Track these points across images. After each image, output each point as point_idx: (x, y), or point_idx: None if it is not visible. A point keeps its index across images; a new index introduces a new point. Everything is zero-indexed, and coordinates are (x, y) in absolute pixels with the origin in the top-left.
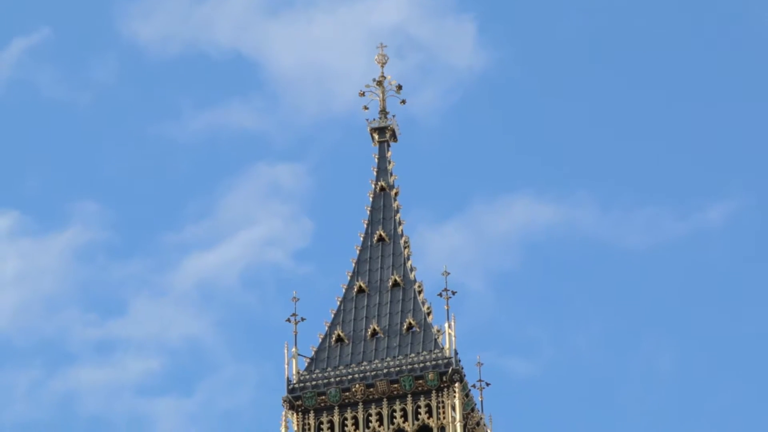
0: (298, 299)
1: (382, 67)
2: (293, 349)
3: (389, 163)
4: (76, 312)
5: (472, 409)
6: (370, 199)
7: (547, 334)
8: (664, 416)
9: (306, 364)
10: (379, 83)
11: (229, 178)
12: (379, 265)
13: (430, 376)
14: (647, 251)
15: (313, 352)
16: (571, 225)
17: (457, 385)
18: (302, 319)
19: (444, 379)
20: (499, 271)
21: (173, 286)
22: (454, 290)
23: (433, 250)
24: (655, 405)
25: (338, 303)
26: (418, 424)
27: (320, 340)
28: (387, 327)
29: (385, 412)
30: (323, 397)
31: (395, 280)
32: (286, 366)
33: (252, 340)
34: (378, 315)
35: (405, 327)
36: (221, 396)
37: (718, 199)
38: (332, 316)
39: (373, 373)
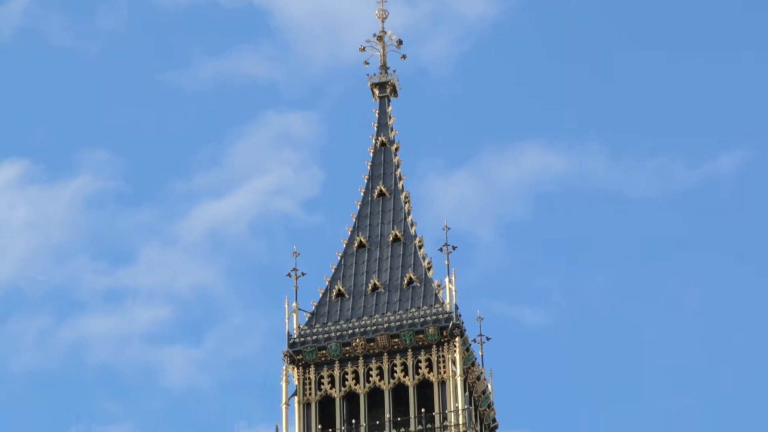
0: (299, 254)
1: (383, 22)
2: (293, 304)
3: (389, 118)
4: (85, 261)
5: (473, 364)
6: (371, 154)
7: (557, 283)
8: (680, 359)
9: (306, 319)
10: (380, 38)
11: (238, 126)
12: (380, 221)
13: (431, 330)
14: (658, 200)
15: (313, 307)
16: (582, 174)
17: (457, 339)
18: (302, 274)
19: (444, 333)
20: (509, 220)
21: (182, 235)
22: (455, 245)
23: (442, 200)
24: (674, 348)
25: (338, 258)
26: (419, 379)
27: (320, 295)
28: (387, 282)
29: (385, 366)
30: (323, 351)
31: (396, 235)
32: (286, 320)
33: (260, 289)
34: (378, 270)
35: (405, 282)
36: (230, 345)
37: (728, 147)
38: (332, 271)
39: (373, 328)
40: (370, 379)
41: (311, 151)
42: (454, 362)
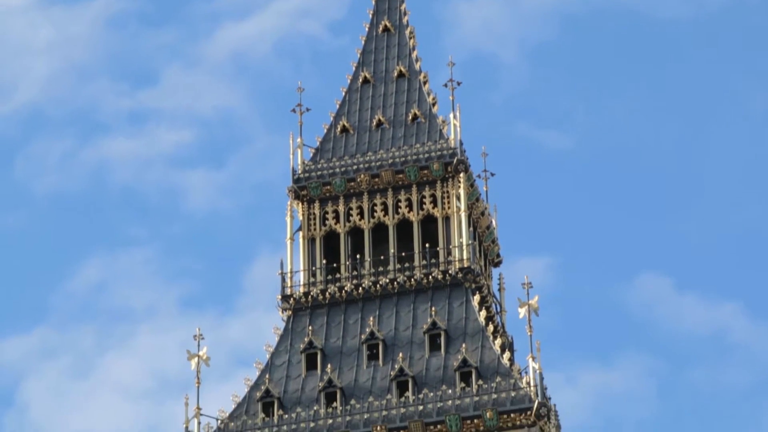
0: (303, 89)
1: None
2: (298, 140)
3: None
4: (107, 82)
5: (477, 199)
6: None
7: (582, 105)
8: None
9: (311, 155)
10: None
11: None
12: (384, 56)
13: (435, 166)
14: (686, 20)
15: (318, 143)
16: None
17: (461, 175)
18: (307, 110)
19: (449, 169)
20: (534, 42)
21: (205, 56)
22: (459, 80)
23: (468, 22)
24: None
25: (343, 94)
26: (423, 214)
27: (325, 131)
28: (392, 118)
29: (390, 202)
30: (328, 187)
31: (400, 71)
32: (291, 156)
33: (285, 113)
34: (383, 106)
35: (410, 118)
36: (253, 169)
37: None
38: (337, 106)
39: (378, 163)
40: (375, 214)
41: None
42: (458, 198)
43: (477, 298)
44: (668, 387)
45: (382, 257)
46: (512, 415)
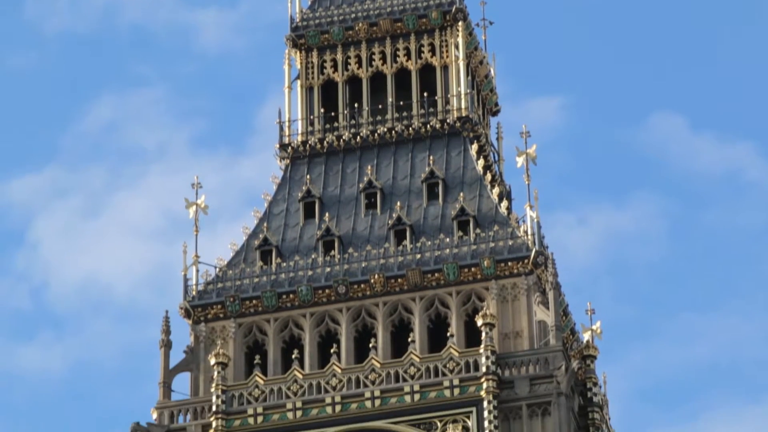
0: None
1: None
2: None
3: None
4: None
5: (476, 48)
6: None
7: None
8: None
9: (309, 3)
10: None
11: None
12: None
13: (434, 14)
14: None
15: None
16: None
17: (460, 24)
18: None
19: (447, 18)
20: None
21: None
22: None
23: None
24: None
25: None
26: (421, 63)
27: None
28: None
29: (388, 50)
30: (326, 35)
31: None
32: (289, 4)
33: None
34: None
35: None
36: (265, 8)
37: None
38: None
39: (376, 12)
40: (373, 63)
41: None
42: (456, 46)
43: (475, 147)
44: (680, 228)
45: (380, 106)
46: (509, 263)
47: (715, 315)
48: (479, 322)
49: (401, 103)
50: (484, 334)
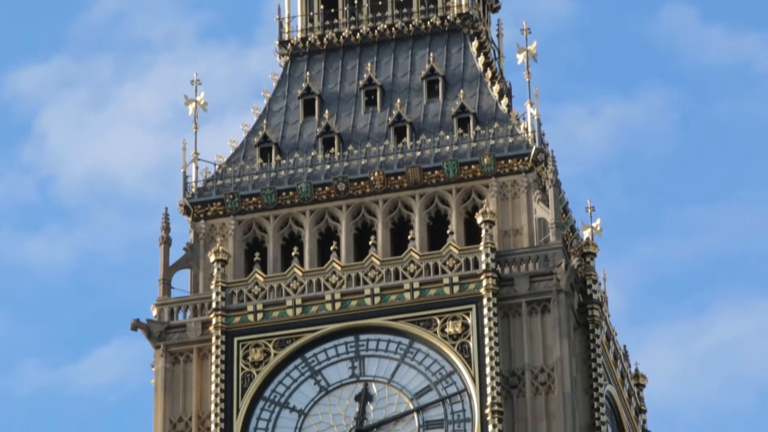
0: None
1: None
2: None
3: None
4: None
5: None
6: None
7: None
8: None
9: None
10: None
11: None
12: None
13: None
14: None
15: None
16: None
17: None
18: None
19: None
20: None
21: None
22: None
23: None
24: None
25: None
26: None
27: None
28: None
29: None
30: None
31: None
32: None
33: None
34: None
35: None
36: None
37: None
38: None
39: None
40: None
41: None
42: None
43: (475, 44)
44: (690, 119)
45: (380, 2)
46: (509, 160)
47: (724, 207)
48: (479, 219)
49: None
50: (483, 232)
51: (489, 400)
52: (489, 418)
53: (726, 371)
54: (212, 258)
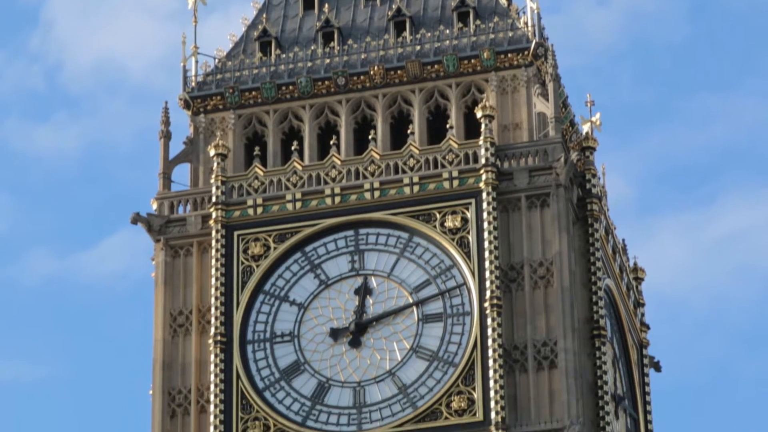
0: None
1: None
2: None
3: None
4: None
5: None
6: None
7: None
8: None
9: None
10: None
11: None
12: None
13: None
14: None
15: None
16: None
17: None
18: None
19: None
20: None
21: None
22: None
23: None
24: None
25: None
26: None
27: None
28: None
29: None
30: None
31: None
32: None
33: None
34: None
35: None
36: None
37: None
38: None
39: None
40: None
41: None
42: None
43: None
44: (702, 6)
45: None
46: (509, 54)
47: (735, 96)
48: (478, 113)
49: None
50: (483, 126)
51: (488, 293)
52: (488, 311)
53: (733, 261)
54: (212, 152)
